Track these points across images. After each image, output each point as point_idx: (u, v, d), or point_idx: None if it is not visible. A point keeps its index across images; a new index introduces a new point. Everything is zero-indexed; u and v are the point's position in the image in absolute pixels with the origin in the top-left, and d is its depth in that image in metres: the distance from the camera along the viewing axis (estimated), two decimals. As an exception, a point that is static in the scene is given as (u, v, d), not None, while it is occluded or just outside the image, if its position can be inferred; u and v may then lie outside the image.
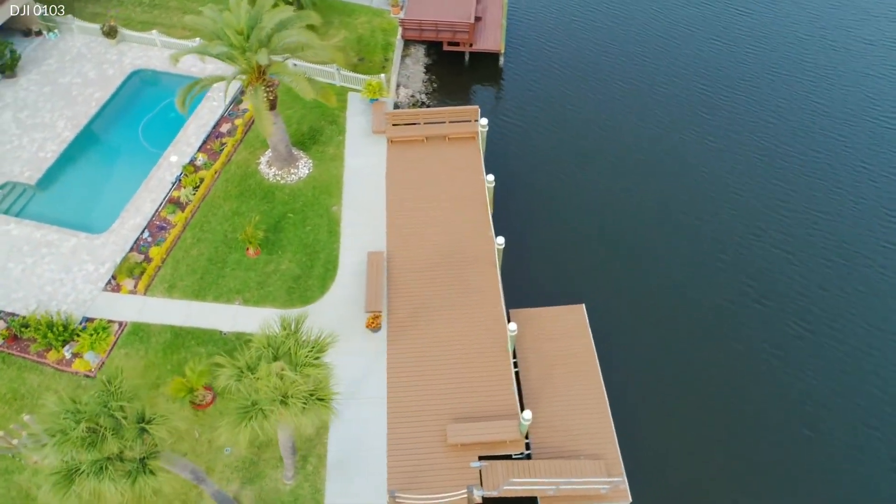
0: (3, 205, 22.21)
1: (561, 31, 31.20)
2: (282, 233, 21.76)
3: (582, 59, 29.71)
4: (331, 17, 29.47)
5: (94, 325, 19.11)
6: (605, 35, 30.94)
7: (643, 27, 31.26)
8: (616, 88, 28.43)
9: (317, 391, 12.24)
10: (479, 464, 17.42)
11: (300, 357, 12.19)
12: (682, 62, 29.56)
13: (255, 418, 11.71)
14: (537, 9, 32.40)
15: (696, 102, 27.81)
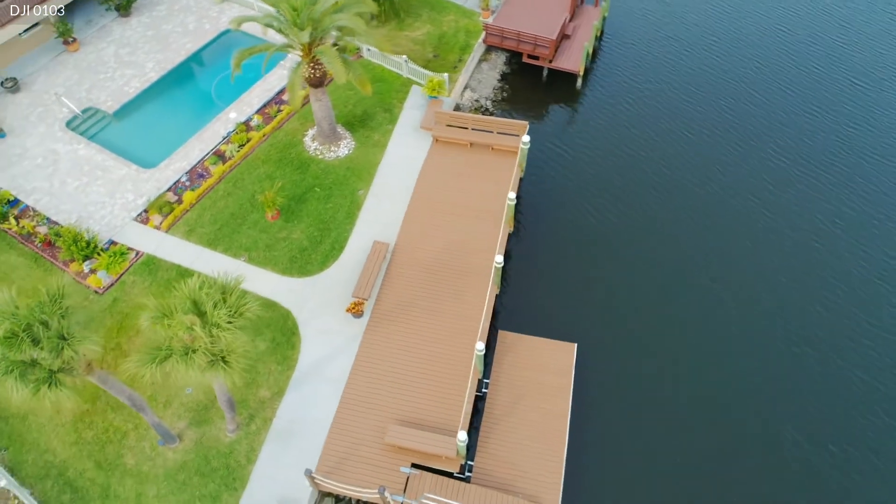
0: (82, 127, 24.80)
1: (649, 67, 29.70)
2: (304, 204, 22.68)
3: (660, 102, 28.06)
4: (421, 11, 30.08)
5: (116, 248, 21.00)
6: (694, 81, 28.96)
7: (739, 81, 28.98)
8: (685, 139, 26.59)
9: (224, 353, 12.80)
10: (409, 470, 17.41)
11: (216, 317, 12.79)
12: (766, 127, 27.13)
13: (158, 362, 12.49)
14: (633, 40, 31.12)
15: (767, 171, 25.46)
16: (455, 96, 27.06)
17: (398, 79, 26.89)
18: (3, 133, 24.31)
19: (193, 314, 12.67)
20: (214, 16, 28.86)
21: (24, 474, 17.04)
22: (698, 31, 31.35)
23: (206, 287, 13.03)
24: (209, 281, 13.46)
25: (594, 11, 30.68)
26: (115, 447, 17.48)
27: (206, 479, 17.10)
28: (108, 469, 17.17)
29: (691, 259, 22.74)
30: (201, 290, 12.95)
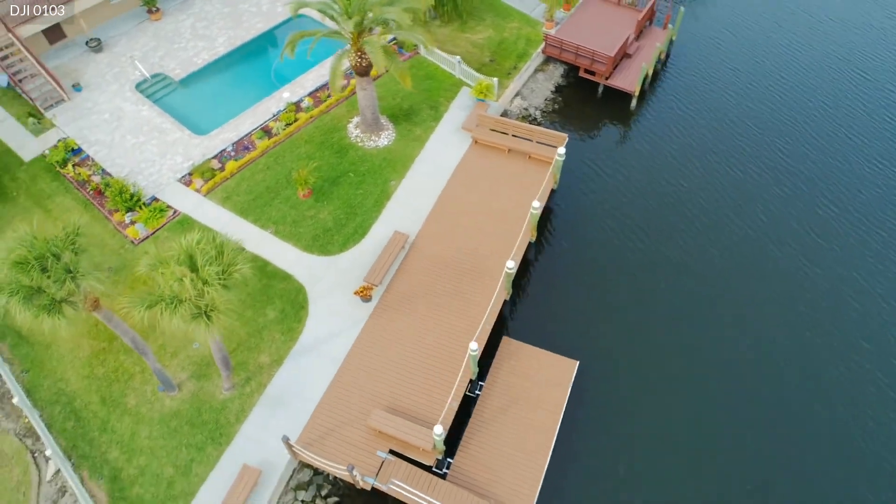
0: (149, 90, 26.53)
1: (707, 97, 28.72)
2: (336, 187, 23.44)
3: (711, 134, 27.06)
4: (485, 15, 30.43)
5: (157, 205, 22.40)
6: (752, 116, 27.72)
7: (801, 122, 27.60)
8: (730, 175, 25.49)
9: (208, 308, 13.51)
10: (386, 456, 17.72)
11: (206, 273, 13.52)
12: (821, 173, 25.76)
13: (147, 306, 13.36)
14: (697, 67, 30.24)
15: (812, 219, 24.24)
16: (503, 102, 27.23)
17: (450, 78, 27.33)
18: (80, 87, 26.35)
19: (186, 267, 13.45)
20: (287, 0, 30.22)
21: (38, 397, 18.46)
22: (766, 67, 30.14)
23: (203, 243, 13.79)
24: (208, 237, 14.23)
25: (661, 34, 30.11)
26: (120, 386, 18.67)
27: (195, 430, 18.00)
28: (110, 405, 18.36)
29: (714, 299, 21.94)
30: (198, 245, 13.72)
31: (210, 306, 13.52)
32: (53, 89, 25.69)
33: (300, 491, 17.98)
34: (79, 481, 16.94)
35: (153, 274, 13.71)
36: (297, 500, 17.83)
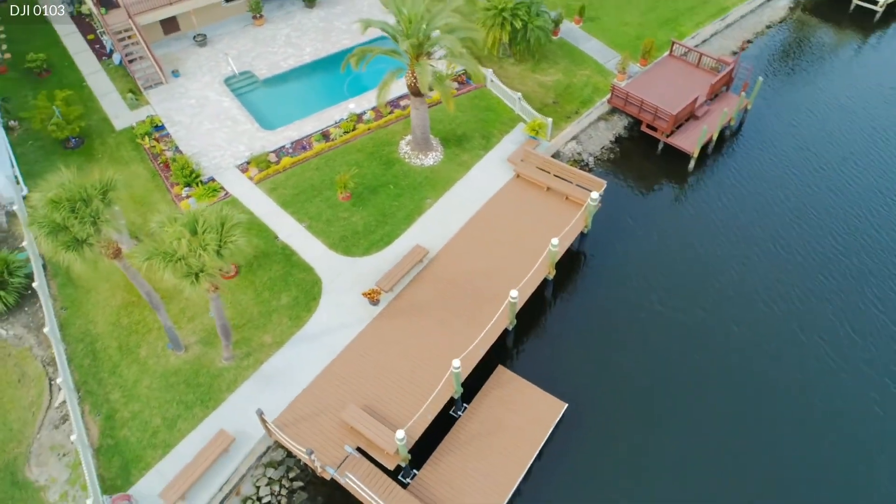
0: (235, 84, 29.19)
1: (770, 172, 27.59)
2: (375, 196, 24.65)
3: (763, 210, 25.89)
4: (559, 59, 31.12)
5: (212, 185, 24.50)
6: (812, 200, 26.33)
7: (865, 214, 25.76)
8: (771, 253, 24.38)
9: (198, 270, 14.80)
10: (352, 451, 18.24)
11: (203, 239, 14.84)
12: (874, 268, 24.08)
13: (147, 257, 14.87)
14: (767, 141, 29.20)
15: (852, 315, 22.71)
16: (557, 143, 27.63)
17: (509, 113, 28.13)
18: (178, 74, 29.41)
19: (188, 230, 14.86)
20: (378, 18, 32.28)
21: (67, 333, 20.57)
22: (839, 152, 28.47)
23: (208, 212, 15.20)
24: (216, 208, 15.64)
25: (735, 100, 29.48)
26: (137, 338, 20.45)
27: (189, 390, 19.36)
28: (124, 352, 20.14)
29: (724, 379, 20.95)
30: (202, 213, 15.14)
31: (200, 268, 14.83)
32: (156, 73, 28.87)
33: (270, 468, 18.80)
34: (79, 413, 18.68)
35: (160, 231, 15.24)
36: (265, 476, 18.65)
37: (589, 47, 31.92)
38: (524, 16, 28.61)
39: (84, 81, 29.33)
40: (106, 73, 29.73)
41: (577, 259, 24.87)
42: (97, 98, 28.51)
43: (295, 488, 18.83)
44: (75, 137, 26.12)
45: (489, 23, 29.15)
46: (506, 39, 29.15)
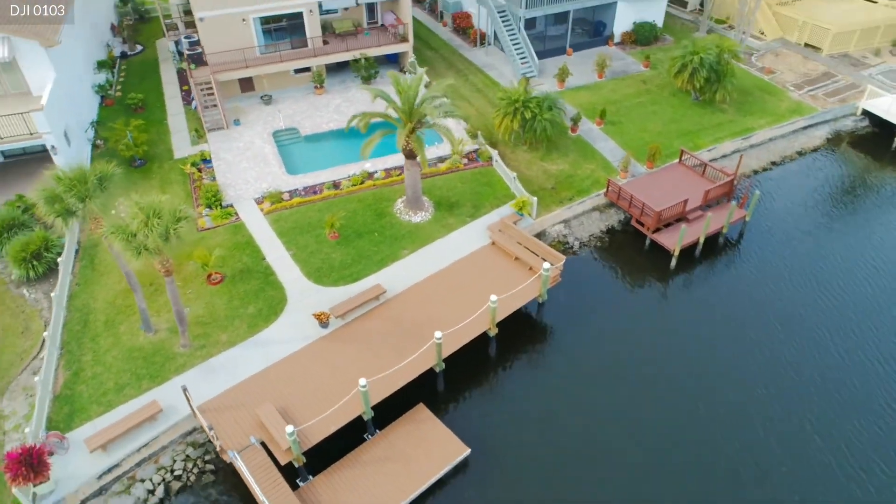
0: (280, 136, 34.12)
1: (752, 291, 27.34)
2: (359, 239, 27.59)
3: (734, 331, 25.66)
4: (569, 152, 33.47)
5: (228, 209, 28.63)
6: (801, 331, 25.54)
7: (860, 350, 25.11)
8: (739, 371, 24.28)
9: (142, 246, 18.23)
10: (255, 441, 20.14)
11: (151, 223, 18.27)
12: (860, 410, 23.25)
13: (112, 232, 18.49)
14: (761, 258, 29.23)
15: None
16: (543, 222, 29.53)
17: (505, 190, 30.57)
18: (238, 122, 34.86)
19: (144, 214, 18.41)
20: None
21: (71, 303, 24.58)
22: (835, 291, 27.33)
23: (162, 204, 18.74)
24: (170, 202, 19.19)
25: (734, 211, 30.10)
26: (122, 317, 24.02)
27: (145, 365, 22.39)
28: (108, 326, 23.73)
29: (648, 468, 21.05)
30: (159, 204, 18.70)
31: (144, 245, 18.26)
32: (221, 119, 34.45)
33: (191, 447, 21.03)
34: (54, 365, 22.18)
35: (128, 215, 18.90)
36: (185, 453, 20.86)
37: (602, 146, 34.12)
38: (535, 108, 31.60)
39: (166, 119, 35.50)
40: (185, 115, 35.80)
41: (531, 326, 26.10)
42: (170, 133, 34.36)
43: (206, 470, 20.85)
44: (140, 158, 31.62)
45: (503, 111, 32.38)
46: (516, 127, 32.12)
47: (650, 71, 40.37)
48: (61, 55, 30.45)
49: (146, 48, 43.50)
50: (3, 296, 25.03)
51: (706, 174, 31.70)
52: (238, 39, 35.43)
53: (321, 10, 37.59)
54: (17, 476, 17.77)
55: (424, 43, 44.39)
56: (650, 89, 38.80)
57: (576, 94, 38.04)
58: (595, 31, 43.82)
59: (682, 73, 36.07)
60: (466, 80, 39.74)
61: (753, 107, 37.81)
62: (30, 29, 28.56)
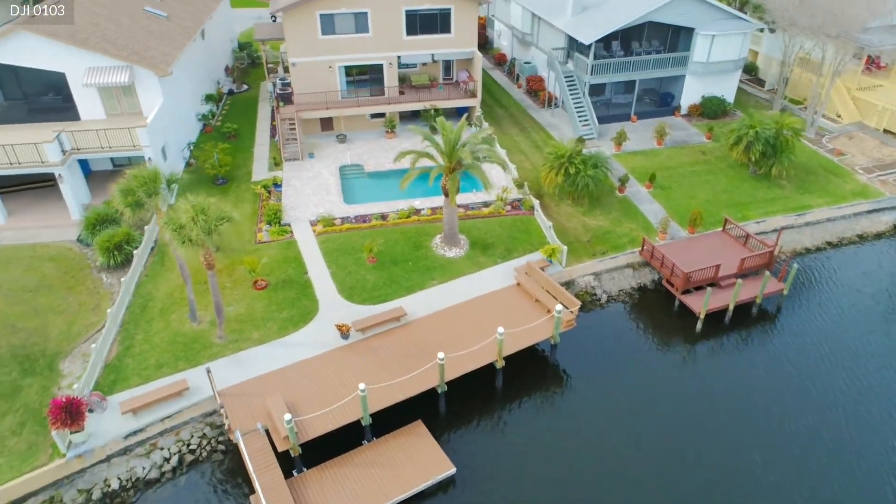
0: (346, 171, 37.51)
1: (779, 367, 27.20)
2: (394, 265, 29.78)
3: (748, 403, 25.47)
4: (613, 210, 34.44)
5: (285, 228, 31.87)
6: (823, 404, 25.13)
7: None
8: (723, 464, 23.88)
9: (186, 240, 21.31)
10: (260, 428, 22.17)
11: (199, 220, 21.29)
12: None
13: (165, 220, 21.68)
14: (797, 335, 28.71)
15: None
16: (572, 272, 30.53)
17: (541, 238, 31.93)
18: (313, 155, 38.72)
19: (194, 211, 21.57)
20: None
21: (137, 290, 28.19)
22: (862, 383, 26.20)
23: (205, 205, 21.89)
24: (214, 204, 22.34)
25: (769, 282, 29.82)
26: (175, 307, 27.25)
27: (184, 349, 25.27)
28: (162, 313, 27.01)
29: None
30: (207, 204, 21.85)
31: (189, 237, 21.33)
32: (298, 152, 38.43)
33: (209, 427, 23.41)
34: (111, 338, 25.53)
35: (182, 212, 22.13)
36: (203, 431, 23.29)
37: (647, 208, 34.86)
38: (579, 164, 33.12)
39: (252, 148, 40.01)
40: (269, 146, 40.20)
41: (541, 366, 26.93)
42: (253, 159, 38.68)
43: (217, 449, 23.10)
44: (222, 177, 35.87)
45: (550, 165, 34.10)
46: (560, 181, 33.67)
47: (711, 143, 40.86)
48: (171, 85, 35.60)
49: (251, 88, 49.25)
50: (86, 277, 29.11)
51: (748, 244, 31.64)
52: (323, 84, 39.70)
53: (400, 64, 41.46)
54: (56, 421, 20.71)
55: (497, 101, 47.30)
56: (708, 160, 39.26)
57: (631, 158, 39.17)
58: (662, 102, 45.02)
59: (737, 144, 36.44)
60: (528, 136, 41.94)
61: (814, 185, 37.30)
62: (148, 60, 33.85)
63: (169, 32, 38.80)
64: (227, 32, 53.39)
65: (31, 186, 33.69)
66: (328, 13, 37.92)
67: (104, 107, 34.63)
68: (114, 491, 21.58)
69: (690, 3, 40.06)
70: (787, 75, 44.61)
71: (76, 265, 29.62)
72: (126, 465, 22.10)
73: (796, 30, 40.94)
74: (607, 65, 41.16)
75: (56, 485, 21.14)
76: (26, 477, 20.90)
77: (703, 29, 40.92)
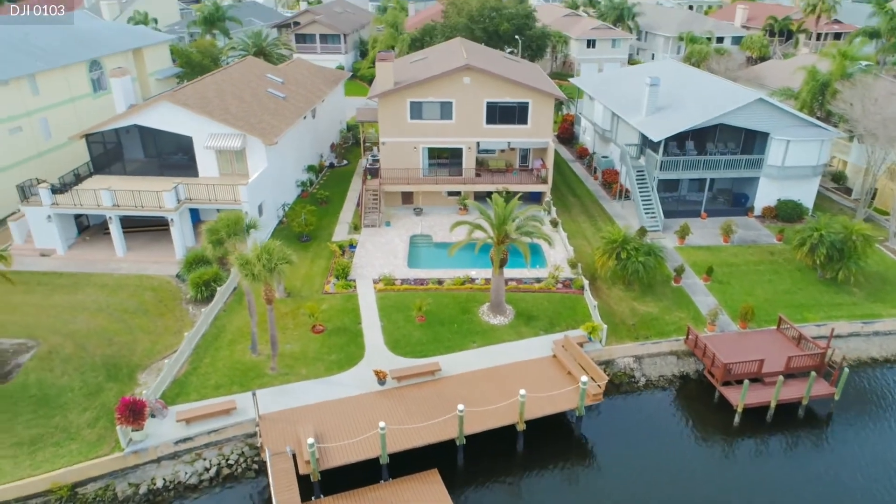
0: (416, 240, 40.72)
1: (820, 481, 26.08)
2: (440, 326, 31.89)
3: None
4: (664, 297, 34.87)
5: (349, 282, 35.17)
6: None
7: None
8: None
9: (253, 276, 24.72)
10: (290, 451, 24.35)
11: (263, 259, 24.73)
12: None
13: (237, 260, 25.32)
14: (845, 442, 27.44)
15: None
16: (613, 352, 31.15)
17: (586, 316, 32.94)
18: (389, 224, 42.49)
19: (260, 251, 25.14)
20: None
21: (214, 322, 32.07)
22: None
23: (270, 247, 25.38)
24: (281, 249, 25.77)
25: (817, 384, 28.83)
26: (243, 339, 30.68)
27: (239, 375, 28.40)
28: (230, 343, 30.52)
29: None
30: (271, 246, 25.38)
31: (256, 274, 24.83)
32: (377, 219, 42.39)
33: (247, 447, 25.92)
34: (183, 358, 29.23)
35: (252, 253, 25.80)
36: (242, 450, 25.84)
37: (701, 300, 34.97)
38: (631, 250, 34.27)
39: (339, 213, 44.55)
40: (353, 213, 44.54)
41: (565, 436, 27.46)
42: (337, 224, 42.99)
43: (251, 468, 25.53)
44: (306, 235, 40.26)
45: (603, 249, 35.46)
46: (612, 265, 34.84)
47: (782, 245, 40.46)
48: (275, 153, 41.15)
49: (349, 163, 54.92)
50: (175, 306, 33.55)
51: (800, 345, 30.92)
52: (408, 161, 44.01)
53: (479, 149, 45.15)
54: (122, 417, 24.11)
55: (571, 190, 49.60)
56: (775, 260, 38.86)
57: (694, 252, 39.60)
58: (736, 202, 45.32)
59: (802, 246, 36.09)
60: (594, 223, 43.56)
61: (890, 295, 35.83)
62: (259, 131, 39.62)
63: (282, 110, 45.06)
64: (337, 115, 60.32)
65: (148, 228, 39.54)
66: (417, 101, 42.66)
67: (219, 167, 40.56)
68: (157, 490, 24.38)
69: (763, 108, 41.15)
70: (873, 184, 43.68)
71: (170, 296, 34.25)
72: (172, 468, 24.94)
73: (878, 141, 40.59)
74: (677, 162, 42.56)
75: (112, 475, 24.29)
76: (91, 462, 24.24)
77: (778, 134, 41.58)
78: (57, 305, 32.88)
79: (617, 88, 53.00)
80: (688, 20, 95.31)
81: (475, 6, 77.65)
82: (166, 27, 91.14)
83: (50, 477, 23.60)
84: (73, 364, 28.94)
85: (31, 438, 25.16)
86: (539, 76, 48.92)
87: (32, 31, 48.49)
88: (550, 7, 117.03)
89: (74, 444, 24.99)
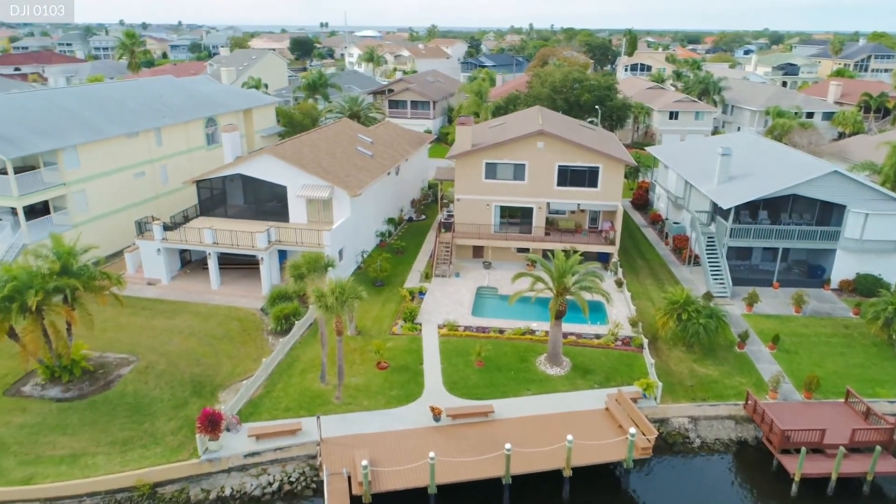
0: (482, 291, 42.59)
1: None
2: (497, 372, 33.22)
3: None
4: (725, 361, 34.64)
5: (415, 325, 37.29)
6: None
7: None
8: None
9: (326, 307, 27.27)
10: (346, 472, 26.11)
11: (335, 293, 27.28)
12: None
13: (314, 295, 28.06)
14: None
15: None
16: (667, 410, 31.22)
17: (642, 373, 33.25)
18: (458, 275, 44.69)
19: (332, 288, 27.81)
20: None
21: (293, 353, 34.87)
22: None
23: (342, 284, 27.93)
24: (353, 286, 28.29)
25: (886, 460, 27.70)
26: (314, 369, 33.17)
27: (307, 401, 30.74)
28: (302, 372, 33.09)
29: None
30: (343, 283, 27.97)
31: (329, 306, 27.41)
32: (447, 270, 44.76)
33: (308, 467, 27.94)
34: (259, 381, 31.99)
35: (327, 288, 28.51)
36: (303, 469, 27.90)
37: (765, 368, 34.44)
38: (692, 312, 34.58)
39: (413, 263, 47.30)
40: (426, 263, 47.14)
41: (612, 487, 27.70)
42: (410, 272, 45.67)
43: (310, 487, 27.47)
44: (380, 280, 43.09)
45: (664, 310, 35.91)
46: (672, 325, 35.18)
47: (858, 319, 39.23)
48: (358, 204, 44.77)
49: (427, 218, 58.14)
50: (257, 336, 36.77)
51: (868, 419, 29.88)
52: (480, 218, 46.49)
53: (549, 209, 47.04)
54: (202, 426, 26.85)
55: (641, 254, 50.23)
56: (850, 334, 37.74)
57: (762, 320, 39.13)
58: (811, 273, 44.41)
59: (876, 319, 35.06)
60: (660, 286, 43.86)
61: (974, 377, 33.90)
62: (345, 183, 43.45)
63: (368, 166, 49.07)
64: (420, 173, 64.25)
65: (241, 266, 43.65)
66: (492, 162, 45.44)
67: (307, 214, 44.53)
68: (225, 497, 26.71)
69: (838, 181, 40.91)
70: (963, 264, 41.77)
71: (253, 326, 37.60)
72: (240, 479, 27.28)
73: (966, 217, 39.19)
74: (748, 230, 42.64)
75: (188, 479, 26.90)
76: (171, 465, 26.97)
77: (856, 206, 41.02)
78: (156, 328, 36.93)
79: (691, 157, 53.89)
80: (776, 95, 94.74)
81: (559, 77, 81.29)
82: (275, 91, 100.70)
83: (136, 474, 26.46)
84: (164, 379, 32.38)
85: (123, 439, 28.34)
86: (612, 143, 50.75)
87: (167, 91, 55.84)
88: (635, 80, 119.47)
89: (159, 447, 27.91)
